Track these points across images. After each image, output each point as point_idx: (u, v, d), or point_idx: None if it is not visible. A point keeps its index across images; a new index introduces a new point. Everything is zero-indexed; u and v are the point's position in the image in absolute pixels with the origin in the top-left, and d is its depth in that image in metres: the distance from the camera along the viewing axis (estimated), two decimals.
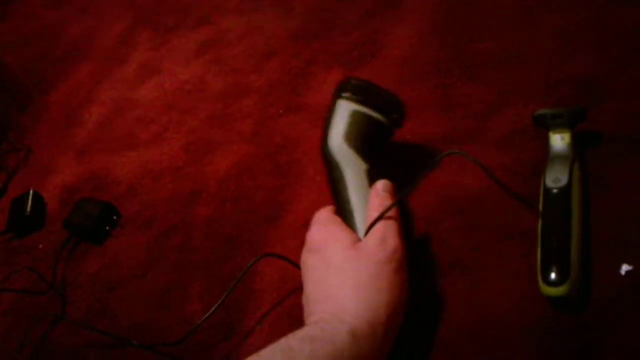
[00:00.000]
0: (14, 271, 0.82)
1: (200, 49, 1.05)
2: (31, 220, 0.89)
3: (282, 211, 0.74)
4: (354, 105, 0.62)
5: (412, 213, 0.66)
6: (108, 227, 0.83)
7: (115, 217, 0.84)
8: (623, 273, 0.51)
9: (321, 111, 0.82)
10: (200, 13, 1.12)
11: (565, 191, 0.55)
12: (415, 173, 0.58)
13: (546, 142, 0.60)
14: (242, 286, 0.68)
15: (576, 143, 0.59)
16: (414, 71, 0.80)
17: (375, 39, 0.88)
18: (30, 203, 0.89)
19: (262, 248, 0.71)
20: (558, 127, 0.59)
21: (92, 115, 1.04)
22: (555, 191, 0.55)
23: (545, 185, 0.56)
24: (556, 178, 0.56)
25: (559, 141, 0.59)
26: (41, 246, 0.87)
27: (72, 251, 0.83)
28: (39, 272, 0.80)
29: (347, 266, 0.52)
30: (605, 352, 0.49)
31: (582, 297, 0.51)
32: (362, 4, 0.94)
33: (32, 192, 0.91)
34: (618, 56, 0.66)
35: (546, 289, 0.50)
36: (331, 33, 0.93)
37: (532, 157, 0.62)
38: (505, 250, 0.58)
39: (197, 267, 0.74)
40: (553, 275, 0.50)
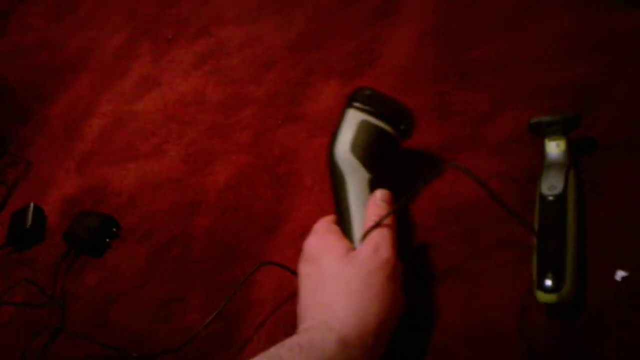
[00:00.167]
0: (14, 284, 0.83)
1: (199, 60, 1.05)
2: (31, 233, 0.89)
3: (281, 221, 0.75)
4: (363, 115, 0.62)
5: (411, 221, 0.66)
6: (108, 240, 0.83)
7: (115, 229, 0.84)
8: (618, 279, 0.51)
9: (319, 121, 0.83)
10: (199, 24, 1.13)
11: (560, 198, 0.55)
12: (413, 182, 0.58)
13: (542, 149, 0.60)
14: (241, 296, 0.68)
15: (571, 150, 0.59)
16: (412, 79, 0.80)
17: (372, 48, 0.88)
18: (30, 216, 0.90)
19: (261, 258, 0.71)
20: (553, 134, 0.59)
21: (92, 127, 1.05)
22: (550, 198, 0.55)
23: (540, 192, 0.56)
24: (552, 185, 0.56)
25: (555, 148, 0.59)
26: (41, 259, 0.87)
27: (72, 264, 0.83)
28: (39, 285, 0.80)
29: (339, 275, 0.52)
30: (600, 358, 0.48)
31: (578, 304, 0.51)
32: (359, 14, 0.94)
33: (33, 206, 0.91)
34: (612, 62, 0.66)
35: (542, 296, 0.50)
36: (329, 43, 0.93)
37: (528, 164, 0.62)
38: (501, 257, 0.58)
39: (197, 278, 0.74)
40: (548, 282, 0.50)
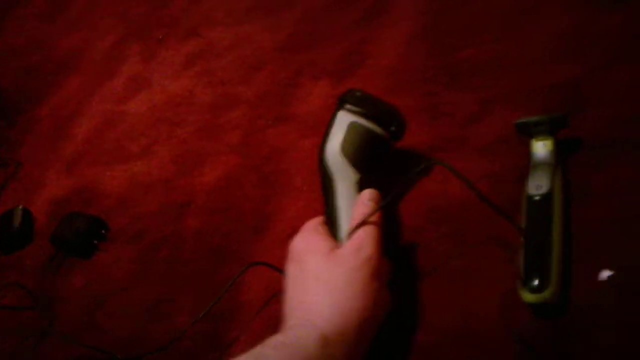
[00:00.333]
0: (2, 287, 0.82)
1: (189, 61, 1.05)
2: (19, 236, 0.89)
3: (270, 222, 0.75)
4: (353, 116, 0.63)
5: (400, 221, 0.66)
6: (96, 241, 0.83)
7: (103, 231, 0.84)
8: (604, 279, 0.51)
9: (309, 122, 0.83)
10: (188, 25, 1.12)
11: (547, 198, 0.55)
12: (400, 182, 0.58)
13: (529, 149, 0.60)
14: (230, 296, 0.68)
15: (558, 150, 0.59)
16: (401, 80, 0.80)
17: (362, 49, 0.88)
18: (18, 219, 0.89)
19: (250, 258, 0.71)
20: (540, 135, 0.60)
21: (82, 128, 1.04)
22: (537, 198, 0.55)
23: (527, 192, 0.56)
24: (538, 185, 0.56)
25: (541, 148, 0.59)
26: (29, 261, 0.87)
27: (60, 266, 0.83)
28: (27, 288, 0.80)
29: (322, 273, 0.53)
30: (585, 357, 0.49)
31: (563, 303, 0.51)
32: (349, 15, 0.94)
33: (21, 209, 0.91)
34: (600, 63, 0.66)
35: (527, 296, 0.50)
36: (319, 44, 0.93)
37: (516, 164, 0.62)
38: (489, 256, 0.58)
39: (186, 279, 0.74)
40: (534, 281, 0.50)
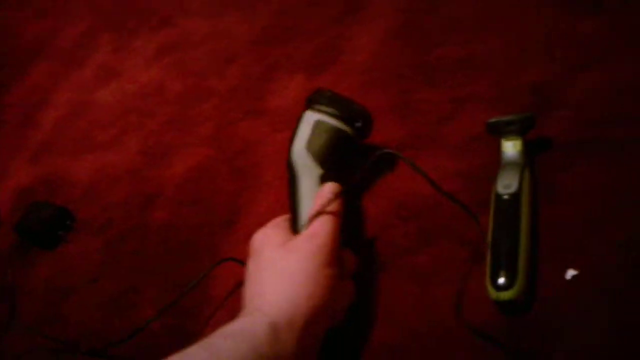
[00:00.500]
0: None
1: (161, 52, 1.04)
2: None
3: (240, 215, 0.74)
4: (320, 115, 0.64)
5: (367, 217, 0.66)
6: (61, 232, 0.81)
7: (69, 222, 0.82)
8: (569, 277, 0.51)
9: (282, 116, 0.82)
10: (161, 15, 1.11)
11: (515, 197, 0.56)
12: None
13: (499, 149, 0.61)
14: (198, 291, 0.67)
15: (527, 150, 0.60)
16: (375, 77, 0.80)
17: (337, 45, 0.88)
18: None
19: (219, 252, 0.70)
20: (510, 135, 0.60)
21: (49, 117, 1.03)
22: (505, 197, 0.56)
23: (496, 191, 0.57)
24: (507, 184, 0.57)
25: (511, 148, 0.60)
26: None
27: (24, 256, 0.81)
28: None
29: (276, 263, 0.54)
30: (550, 354, 0.49)
31: (529, 301, 0.52)
32: (325, 10, 0.94)
33: None
34: (569, 65, 0.67)
35: (494, 293, 0.51)
36: (294, 39, 0.93)
37: (486, 163, 0.63)
38: (456, 254, 0.58)
39: (153, 272, 0.73)
40: (501, 279, 0.51)
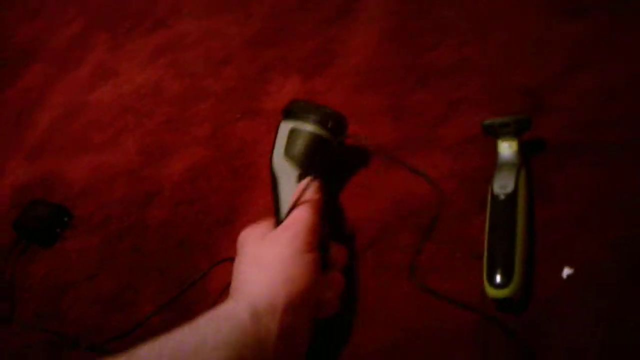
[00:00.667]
0: None
1: (156, 53, 1.04)
2: None
3: (237, 214, 0.75)
4: (292, 123, 0.67)
5: (366, 217, 0.67)
6: (59, 229, 0.81)
7: (66, 219, 0.82)
8: (565, 276, 0.53)
9: (278, 116, 0.83)
10: (157, 16, 1.11)
11: (511, 197, 0.57)
12: (363, 179, 0.60)
13: (495, 150, 0.62)
14: (196, 287, 0.67)
15: (523, 151, 0.61)
16: (369, 79, 0.81)
17: (331, 48, 0.89)
18: None
19: (216, 250, 0.71)
20: (505, 136, 0.61)
21: (45, 117, 1.02)
22: (502, 197, 0.57)
23: (493, 191, 0.58)
24: (503, 184, 0.58)
25: (507, 149, 0.61)
26: None
27: (22, 254, 0.81)
28: None
29: (258, 254, 0.56)
30: (546, 351, 0.50)
31: (525, 299, 0.53)
32: (319, 13, 0.95)
33: None
34: (564, 68, 0.68)
35: (491, 291, 0.52)
36: (288, 40, 0.94)
37: (482, 164, 0.64)
38: (454, 253, 0.59)
39: (150, 270, 0.73)
40: (498, 278, 0.52)
